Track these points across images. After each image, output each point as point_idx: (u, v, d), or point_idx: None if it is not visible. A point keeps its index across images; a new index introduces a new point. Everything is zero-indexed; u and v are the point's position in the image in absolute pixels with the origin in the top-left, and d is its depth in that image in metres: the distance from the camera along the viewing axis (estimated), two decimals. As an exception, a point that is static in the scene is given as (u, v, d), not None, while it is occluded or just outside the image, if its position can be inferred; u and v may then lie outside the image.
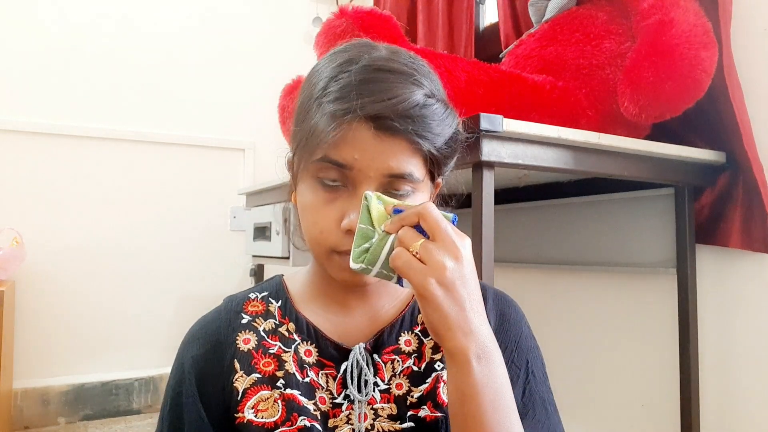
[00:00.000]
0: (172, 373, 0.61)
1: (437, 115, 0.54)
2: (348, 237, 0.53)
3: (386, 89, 0.51)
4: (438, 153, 0.55)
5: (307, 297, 0.64)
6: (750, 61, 1.16)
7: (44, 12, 2.26)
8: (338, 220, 0.53)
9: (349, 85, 0.52)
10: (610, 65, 1.16)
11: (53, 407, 2.18)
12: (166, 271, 2.43)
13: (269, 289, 0.65)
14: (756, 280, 1.15)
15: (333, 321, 0.61)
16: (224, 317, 0.62)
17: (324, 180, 0.54)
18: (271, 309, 0.62)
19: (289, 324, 0.61)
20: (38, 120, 2.24)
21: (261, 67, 2.62)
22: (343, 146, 0.52)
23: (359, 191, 0.53)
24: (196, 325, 0.63)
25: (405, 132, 0.51)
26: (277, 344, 0.59)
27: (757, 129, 1.13)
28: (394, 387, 0.59)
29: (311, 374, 0.58)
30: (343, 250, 0.53)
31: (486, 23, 2.18)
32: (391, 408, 0.58)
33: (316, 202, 0.55)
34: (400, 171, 0.53)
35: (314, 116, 0.54)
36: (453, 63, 1.03)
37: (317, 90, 0.55)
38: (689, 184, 1.19)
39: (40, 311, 2.20)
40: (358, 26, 0.98)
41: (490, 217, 0.91)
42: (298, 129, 0.57)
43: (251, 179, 2.58)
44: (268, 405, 0.56)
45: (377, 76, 0.52)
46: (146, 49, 2.44)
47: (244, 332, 0.60)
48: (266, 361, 0.58)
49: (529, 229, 1.67)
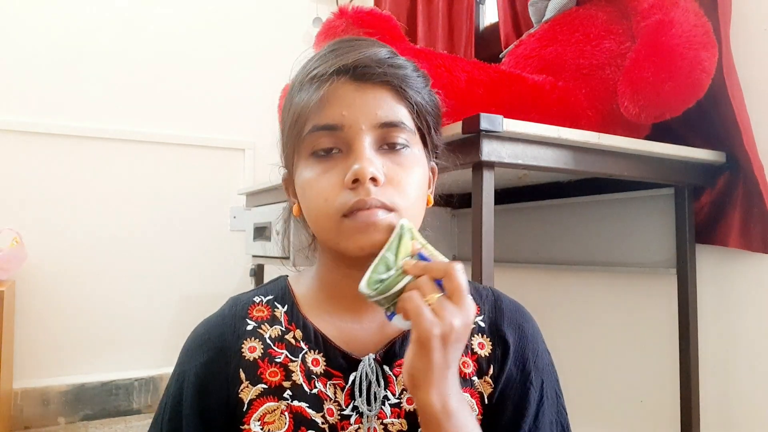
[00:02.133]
0: (174, 379, 0.59)
1: (410, 67, 0.57)
2: (353, 192, 0.52)
3: (359, 47, 0.55)
4: (422, 107, 0.57)
5: (313, 302, 0.61)
6: (750, 61, 1.16)
7: (44, 12, 2.26)
8: (341, 182, 0.52)
9: (325, 54, 0.56)
10: (610, 65, 1.16)
11: (53, 407, 2.18)
12: (166, 271, 2.43)
13: (274, 293, 0.63)
14: (756, 280, 1.15)
15: (341, 328, 0.59)
16: (229, 322, 0.60)
17: (318, 152, 0.54)
18: (277, 314, 0.60)
19: (296, 331, 0.59)
20: (38, 120, 2.24)
21: (261, 67, 2.62)
22: (328, 108, 0.53)
23: (354, 151, 0.53)
24: (199, 329, 0.61)
25: (384, 77, 0.54)
26: (283, 353, 0.57)
27: (757, 129, 1.13)
28: (405, 402, 0.56)
29: (319, 385, 0.56)
30: (351, 207, 0.52)
31: (486, 23, 2.18)
32: (401, 424, 0.55)
33: (316, 175, 0.54)
34: (389, 119, 0.54)
35: (297, 96, 0.56)
36: (453, 63, 1.03)
37: (298, 76, 0.58)
38: (689, 184, 1.19)
39: (40, 311, 2.19)
40: (358, 26, 0.98)
41: (490, 217, 0.91)
42: (284, 125, 0.58)
43: (251, 179, 2.58)
44: (275, 417, 0.54)
45: (350, 42, 0.57)
46: (146, 49, 2.44)
47: (250, 339, 0.58)
48: (272, 370, 0.56)
49: (529, 229, 1.67)
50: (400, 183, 0.54)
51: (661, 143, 1.08)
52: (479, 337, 0.60)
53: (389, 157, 0.54)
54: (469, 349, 0.59)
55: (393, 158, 0.54)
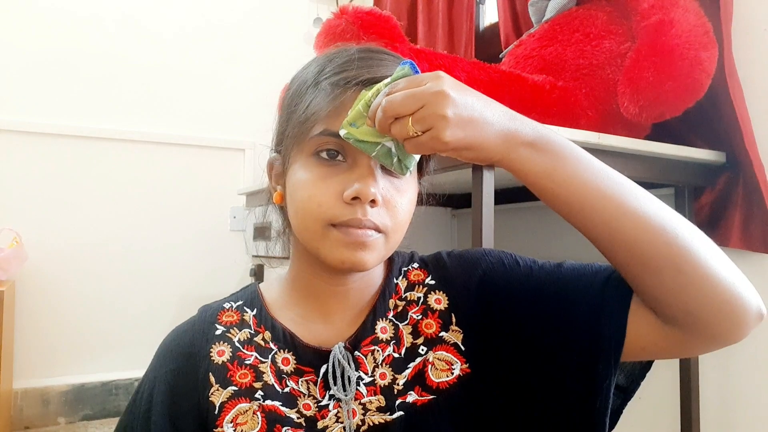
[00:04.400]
0: (145, 386, 0.60)
1: None
2: (349, 207, 0.52)
3: (383, 64, 0.55)
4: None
5: (283, 304, 0.62)
6: (750, 61, 1.16)
7: (45, 12, 2.26)
8: (339, 193, 0.53)
9: (350, 60, 0.55)
10: (610, 65, 1.16)
11: (53, 407, 2.18)
12: (166, 271, 2.43)
13: (244, 298, 0.64)
14: (756, 280, 1.14)
15: (311, 328, 0.60)
16: (198, 328, 0.61)
17: (322, 155, 0.54)
18: (246, 318, 0.61)
19: (265, 333, 0.60)
20: (38, 120, 2.24)
21: (261, 67, 2.62)
22: (343, 116, 0.52)
23: (360, 167, 0.53)
24: (169, 336, 0.62)
25: None
26: (253, 354, 0.58)
27: (758, 129, 1.13)
28: (378, 377, 0.57)
29: (290, 383, 0.57)
30: (343, 221, 0.52)
31: (486, 23, 2.18)
32: (379, 400, 0.56)
33: (313, 177, 0.54)
34: None
35: (311, 97, 0.55)
36: (453, 63, 1.03)
37: (312, 75, 0.57)
38: (689, 184, 1.19)
39: (40, 311, 2.19)
40: (358, 26, 0.98)
41: (490, 217, 0.91)
42: (290, 116, 0.58)
43: (251, 179, 2.58)
44: (248, 418, 0.55)
45: (374, 55, 0.56)
46: (146, 49, 2.44)
47: (218, 344, 0.59)
48: (242, 372, 0.57)
49: (529, 229, 1.67)
50: (395, 207, 0.55)
51: (661, 143, 1.08)
52: (434, 294, 0.62)
53: (389, 179, 0.55)
54: (429, 310, 0.61)
55: (392, 181, 0.55)
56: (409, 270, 0.64)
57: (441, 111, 0.45)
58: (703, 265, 0.47)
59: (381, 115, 0.47)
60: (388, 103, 0.46)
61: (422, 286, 0.63)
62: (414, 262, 0.65)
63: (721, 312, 0.47)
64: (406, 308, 0.61)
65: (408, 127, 0.46)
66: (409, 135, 0.46)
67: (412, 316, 0.61)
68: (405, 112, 0.46)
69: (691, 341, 0.50)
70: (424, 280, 0.63)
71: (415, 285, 0.63)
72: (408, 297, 0.62)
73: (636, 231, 0.49)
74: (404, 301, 0.62)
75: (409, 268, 0.65)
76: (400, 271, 0.64)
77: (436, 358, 0.58)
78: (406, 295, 0.62)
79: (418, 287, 0.63)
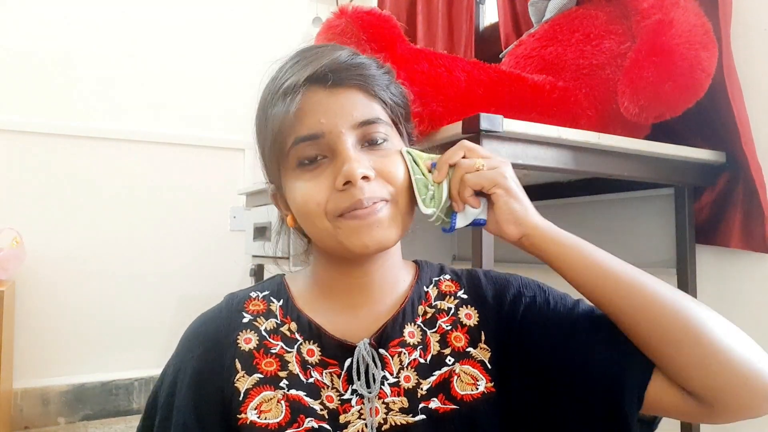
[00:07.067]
0: (170, 370, 0.60)
1: (373, 65, 0.59)
2: (345, 193, 0.54)
3: (321, 54, 0.57)
4: (392, 99, 0.59)
5: (309, 297, 0.63)
6: (750, 61, 1.16)
7: (45, 12, 2.26)
8: (331, 186, 0.54)
9: (291, 66, 0.58)
10: (610, 65, 1.16)
11: (53, 407, 2.18)
12: (166, 272, 2.43)
13: (270, 288, 0.64)
14: (756, 280, 1.15)
15: (336, 321, 0.61)
16: (225, 315, 0.61)
17: (304, 161, 0.56)
18: (273, 308, 0.62)
19: (291, 323, 0.60)
20: (38, 120, 2.24)
21: (261, 67, 2.62)
22: (306, 118, 0.54)
23: (340, 154, 0.54)
24: (195, 323, 0.63)
25: (353, 79, 0.56)
26: (279, 344, 0.59)
27: (757, 129, 1.13)
28: (403, 380, 0.58)
29: (315, 374, 0.57)
30: (347, 207, 0.54)
31: (486, 23, 2.18)
32: (402, 401, 0.57)
33: (304, 183, 0.56)
34: (366, 117, 0.56)
35: (272, 111, 0.57)
36: (453, 63, 1.03)
37: (269, 92, 0.60)
38: (689, 184, 1.19)
39: (40, 311, 2.20)
40: (358, 26, 0.97)
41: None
42: (264, 142, 0.60)
43: (251, 179, 2.58)
44: (272, 406, 0.55)
45: (312, 51, 0.59)
46: (146, 49, 2.44)
47: (245, 331, 0.59)
48: (268, 360, 0.58)
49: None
50: (389, 174, 0.56)
51: (661, 143, 1.08)
52: (465, 309, 0.63)
53: (373, 152, 0.56)
54: (459, 323, 0.61)
55: (377, 152, 0.57)
56: (440, 280, 0.66)
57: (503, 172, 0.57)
58: (720, 338, 0.51)
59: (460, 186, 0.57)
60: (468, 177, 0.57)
61: (453, 298, 0.64)
62: (445, 273, 0.67)
63: (741, 386, 0.49)
64: (436, 316, 0.62)
65: (477, 162, 0.57)
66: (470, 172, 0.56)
67: (441, 325, 0.61)
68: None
69: (713, 414, 0.51)
70: (455, 292, 0.64)
71: (446, 295, 0.64)
72: (438, 306, 0.63)
73: (654, 304, 0.53)
74: (434, 309, 0.63)
75: (440, 278, 0.66)
76: (430, 281, 0.65)
77: (463, 371, 0.59)
78: (436, 304, 0.63)
79: (449, 298, 0.64)
